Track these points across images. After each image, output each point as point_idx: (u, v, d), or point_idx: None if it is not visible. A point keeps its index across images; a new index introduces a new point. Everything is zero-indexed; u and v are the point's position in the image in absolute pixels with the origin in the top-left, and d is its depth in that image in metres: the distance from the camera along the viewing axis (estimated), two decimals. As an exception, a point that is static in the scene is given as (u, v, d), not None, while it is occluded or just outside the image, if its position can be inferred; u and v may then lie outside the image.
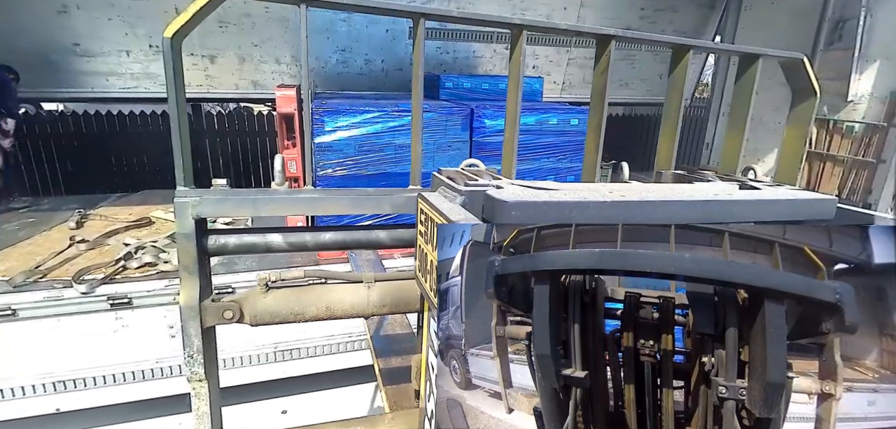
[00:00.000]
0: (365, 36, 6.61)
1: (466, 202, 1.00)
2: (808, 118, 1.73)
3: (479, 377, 1.07)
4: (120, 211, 5.43)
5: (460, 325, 1.05)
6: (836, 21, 6.10)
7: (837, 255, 1.01)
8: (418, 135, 1.60)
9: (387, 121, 4.46)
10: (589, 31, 1.64)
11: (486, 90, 6.09)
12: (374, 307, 1.69)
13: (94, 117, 6.95)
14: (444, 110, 4.78)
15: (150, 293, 3.69)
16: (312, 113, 4.14)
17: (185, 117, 1.40)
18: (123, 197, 6.22)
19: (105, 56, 6.15)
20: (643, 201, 0.98)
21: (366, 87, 6.88)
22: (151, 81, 6.44)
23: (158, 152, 7.17)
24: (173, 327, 3.79)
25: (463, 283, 1.01)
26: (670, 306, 0.93)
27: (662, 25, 7.50)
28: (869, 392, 1.06)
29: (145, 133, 7.16)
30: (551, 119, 5.01)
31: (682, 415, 0.94)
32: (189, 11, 1.30)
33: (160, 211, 5.31)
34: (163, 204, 5.55)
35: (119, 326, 3.69)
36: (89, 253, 4.16)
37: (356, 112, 4.42)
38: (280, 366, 4.20)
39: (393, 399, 2.23)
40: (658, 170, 1.74)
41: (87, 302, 3.55)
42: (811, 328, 0.80)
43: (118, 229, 4.75)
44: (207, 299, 1.53)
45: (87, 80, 6.23)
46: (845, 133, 6.06)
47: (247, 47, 6.44)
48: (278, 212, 1.56)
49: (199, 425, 1.58)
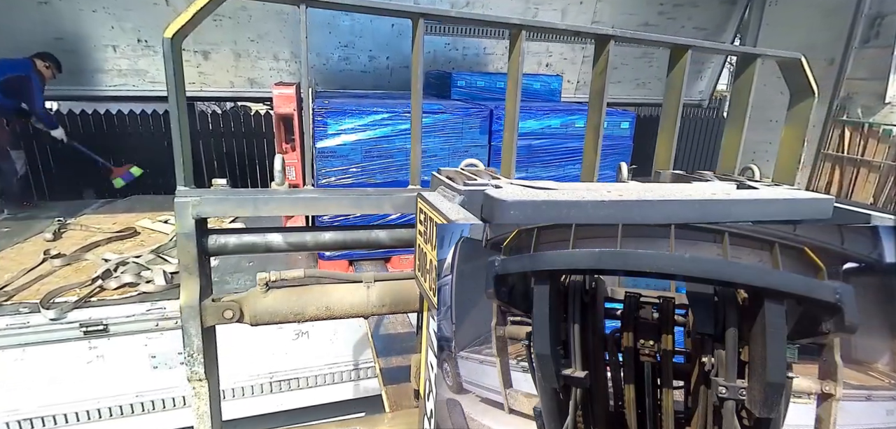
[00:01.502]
0: (369, 31, 6.23)
1: (465, 202, 1.00)
2: (806, 118, 1.74)
3: (469, 382, 1.04)
4: (103, 220, 4.99)
5: (451, 326, 1.02)
6: (873, 17, 5.73)
7: (848, 254, 1.00)
8: (418, 134, 1.61)
9: (397, 123, 4.04)
10: (588, 30, 1.64)
11: (502, 89, 5.30)
12: (373, 307, 1.70)
13: (80, 116, 6.45)
14: (460, 111, 4.32)
15: (129, 319, 3.25)
16: (314, 114, 3.78)
17: (185, 117, 1.40)
18: (109, 203, 5.79)
19: (90, 51, 5.74)
20: (641, 201, 0.99)
21: (369, 85, 6.53)
22: (140, 78, 6.00)
23: (148, 155, 6.70)
24: (156, 357, 3.38)
25: (453, 282, 0.98)
26: (670, 306, 0.93)
27: (682, 22, 7.17)
28: (889, 401, 1.03)
29: (135, 134, 6.70)
30: (577, 121, 4.58)
31: (682, 415, 0.94)
32: (190, 11, 1.30)
33: (147, 220, 4.92)
34: (151, 211, 5.18)
35: (93, 356, 3.24)
36: (64, 270, 3.70)
37: (363, 113, 3.97)
38: (276, 397, 3.75)
39: (393, 399, 2.23)
40: (656, 170, 1.74)
41: (57, 329, 3.11)
42: (811, 328, 0.80)
43: (99, 242, 4.28)
44: (207, 299, 1.53)
45: (70, 78, 5.70)
46: (882, 137, 5.66)
47: (243, 42, 6.02)
48: (278, 212, 1.56)
49: (200, 424, 1.58)
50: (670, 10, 7.02)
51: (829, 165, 6.28)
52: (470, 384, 1.04)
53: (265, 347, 3.55)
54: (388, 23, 6.14)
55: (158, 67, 5.76)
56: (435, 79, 5.87)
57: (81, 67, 5.80)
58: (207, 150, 6.89)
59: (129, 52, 5.83)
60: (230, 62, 6.16)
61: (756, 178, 1.56)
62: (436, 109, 4.25)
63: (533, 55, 7.11)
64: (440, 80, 5.64)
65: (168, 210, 5.31)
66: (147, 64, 5.91)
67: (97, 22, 5.53)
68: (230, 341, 1.86)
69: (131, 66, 5.91)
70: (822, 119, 6.17)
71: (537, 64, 7.21)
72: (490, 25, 1.63)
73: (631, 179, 1.69)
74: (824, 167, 6.33)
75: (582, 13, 6.72)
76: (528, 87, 5.52)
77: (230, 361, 3.22)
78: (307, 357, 3.67)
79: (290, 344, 3.62)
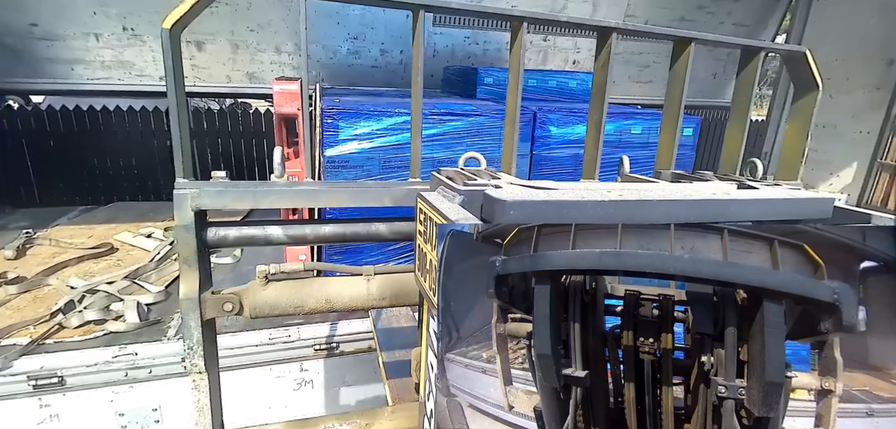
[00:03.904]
0: (381, 22, 5.59)
1: (465, 202, 1.00)
2: (811, 113, 1.73)
3: (456, 387, 0.98)
4: (78, 232, 4.43)
5: (438, 325, 0.97)
6: (937, 12, 4.93)
7: (870, 251, 0.98)
8: (418, 127, 1.60)
9: (424, 127, 3.09)
10: (589, 23, 1.63)
11: (534, 88, 4.74)
12: (373, 300, 1.70)
13: (61, 113, 5.82)
14: (496, 113, 3.52)
15: (90, 368, 2.61)
16: (323, 115, 3.03)
17: (184, 110, 1.40)
18: (88, 211, 5.33)
19: (69, 40, 5.05)
20: (641, 201, 0.99)
21: (381, 82, 5.95)
22: (125, 71, 5.35)
23: (133, 156, 6.15)
24: (125, 415, 2.74)
25: (440, 278, 0.94)
26: (670, 304, 0.93)
27: (721, 17, 6.70)
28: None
29: (121, 132, 6.08)
30: (633, 127, 3.83)
31: (682, 411, 0.95)
32: (188, 1, 1.29)
33: (127, 234, 4.33)
34: (133, 221, 4.68)
35: (45, 416, 2.60)
36: (20, 299, 3.03)
37: (381, 114, 3.21)
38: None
39: (395, 392, 2.24)
40: (657, 170, 1.74)
41: (1, 382, 2.50)
42: (810, 328, 0.80)
43: (68, 261, 3.62)
44: (207, 291, 1.53)
45: (47, 69, 5.13)
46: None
47: (241, 32, 5.39)
48: (278, 204, 1.57)
49: (200, 417, 1.59)
50: (709, 4, 6.53)
51: (887, 176, 5.40)
52: (457, 389, 0.99)
53: (261, 399, 3.09)
54: (403, 13, 5.50)
55: (146, 59, 5.33)
56: (456, 75, 5.27)
57: (59, 57, 5.11)
58: (202, 150, 6.42)
59: (113, 42, 5.17)
60: (227, 54, 5.55)
61: (759, 174, 1.55)
62: (467, 110, 3.49)
63: (559, 52, 6.63)
64: (463, 77, 4.90)
65: (153, 220, 4.95)
66: (133, 55, 5.33)
67: (77, 7, 4.85)
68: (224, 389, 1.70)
69: (116, 57, 5.27)
70: (879, 126, 5.40)
71: (563, 61, 6.69)
72: (490, 17, 1.62)
73: None
74: (881, 178, 5.47)
75: (614, 6, 6.23)
76: (564, 86, 4.99)
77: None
78: (310, 408, 3.18)
79: (291, 395, 3.18)
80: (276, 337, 3.07)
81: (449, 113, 3.39)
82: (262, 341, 3.05)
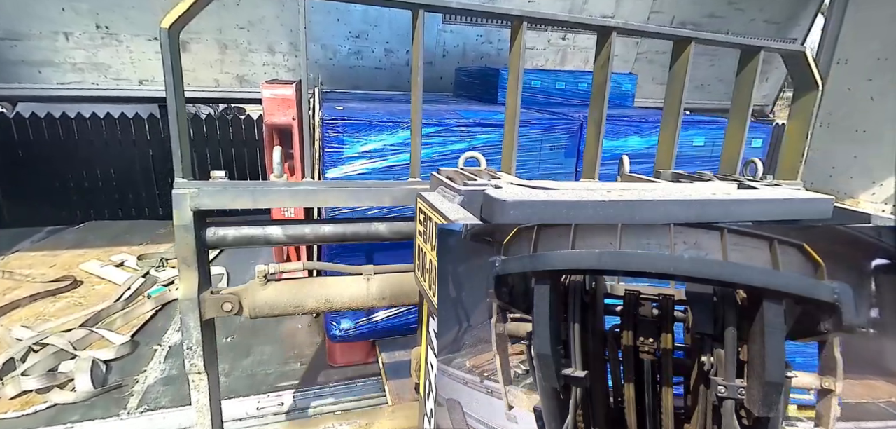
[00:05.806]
0: (386, 19, 5.09)
1: (465, 202, 1.00)
2: (810, 113, 1.73)
3: (445, 394, 0.96)
4: (39, 260, 3.85)
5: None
6: None
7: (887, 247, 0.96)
8: (418, 127, 1.60)
9: (449, 141, 2.67)
10: (590, 23, 1.63)
11: (562, 91, 4.09)
12: (373, 299, 1.70)
13: (30, 121, 5.25)
14: (538, 123, 2.89)
15: None
16: (324, 126, 2.37)
17: (184, 110, 1.40)
18: (56, 232, 4.77)
19: (35, 39, 4.52)
20: (641, 201, 0.98)
21: (385, 85, 5.41)
22: (100, 74, 4.76)
23: (111, 167, 5.58)
24: None
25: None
26: (670, 304, 0.93)
27: (752, 14, 6.32)
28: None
29: (98, 142, 5.54)
30: (695, 139, 3.11)
31: (682, 411, 0.95)
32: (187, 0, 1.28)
33: (95, 262, 3.78)
34: (105, 245, 4.16)
35: None
36: None
37: (395, 126, 2.55)
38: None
39: (395, 391, 2.24)
40: (657, 170, 1.73)
41: None
42: (810, 327, 0.80)
43: (20, 300, 2.98)
44: (206, 291, 1.53)
45: (11, 72, 4.58)
46: None
47: (230, 30, 4.86)
48: (277, 204, 1.57)
49: (200, 417, 1.59)
50: (739, 0, 6.09)
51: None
52: (444, 396, 0.96)
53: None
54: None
55: (123, 60, 4.80)
56: (471, 77, 4.60)
57: (24, 59, 4.55)
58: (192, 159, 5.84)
59: (85, 42, 4.57)
60: (214, 55, 5.01)
61: (759, 174, 1.55)
62: (501, 120, 2.43)
63: (579, 51, 6.19)
64: (482, 79, 4.22)
65: (129, 244, 4.49)
66: (109, 56, 4.74)
67: (42, 2, 4.35)
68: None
69: (89, 58, 4.68)
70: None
71: (583, 61, 6.20)
72: (489, 15, 1.62)
73: None
74: (922, 188, 4.91)
75: (639, 2, 5.79)
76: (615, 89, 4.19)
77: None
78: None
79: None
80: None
81: (479, 124, 2.76)
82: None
